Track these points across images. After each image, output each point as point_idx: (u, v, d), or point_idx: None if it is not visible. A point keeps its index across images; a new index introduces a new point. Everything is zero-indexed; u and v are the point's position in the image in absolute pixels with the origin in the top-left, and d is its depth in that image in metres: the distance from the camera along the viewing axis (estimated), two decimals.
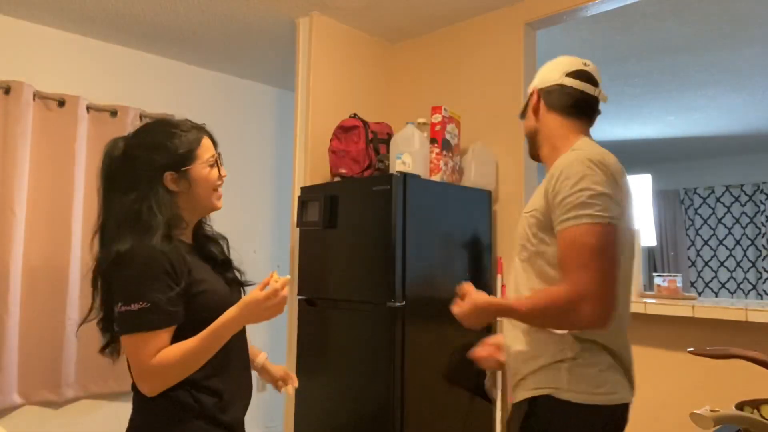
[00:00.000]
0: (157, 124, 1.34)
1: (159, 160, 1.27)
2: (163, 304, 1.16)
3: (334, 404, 2.34)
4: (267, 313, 1.23)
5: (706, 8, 2.72)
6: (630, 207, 1.27)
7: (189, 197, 1.31)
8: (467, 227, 2.54)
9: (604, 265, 1.15)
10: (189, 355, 1.18)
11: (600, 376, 1.21)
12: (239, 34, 3.15)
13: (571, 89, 1.44)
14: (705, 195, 6.46)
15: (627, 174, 1.30)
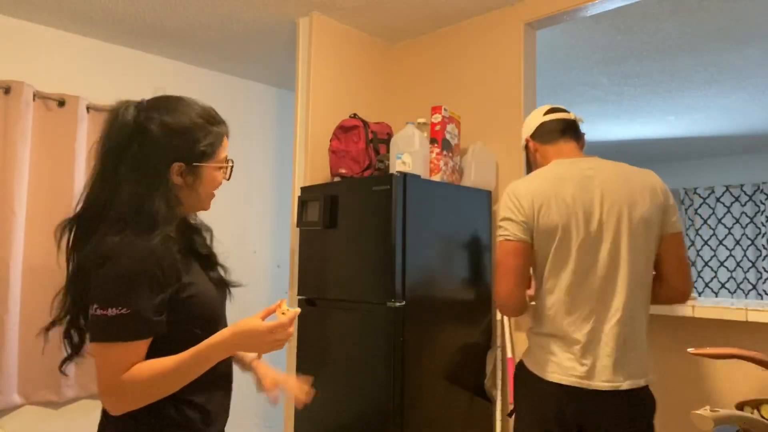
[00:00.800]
0: (182, 104, 1.18)
1: (177, 147, 1.12)
2: (144, 312, 1.02)
3: (334, 404, 2.34)
4: (265, 347, 1.08)
5: (706, 8, 2.72)
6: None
7: (188, 194, 1.18)
8: (467, 227, 2.54)
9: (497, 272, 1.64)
10: (164, 376, 1.03)
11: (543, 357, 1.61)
12: (239, 34, 3.15)
13: (548, 123, 1.76)
14: (705, 195, 6.46)
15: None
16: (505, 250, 1.60)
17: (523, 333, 2.57)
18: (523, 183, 1.64)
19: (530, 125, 1.80)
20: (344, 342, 2.34)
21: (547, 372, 1.56)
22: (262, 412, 3.81)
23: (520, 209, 1.59)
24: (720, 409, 1.02)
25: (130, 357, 1.02)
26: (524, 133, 1.83)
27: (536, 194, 1.58)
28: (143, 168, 1.10)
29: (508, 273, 1.59)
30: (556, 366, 1.55)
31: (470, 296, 2.54)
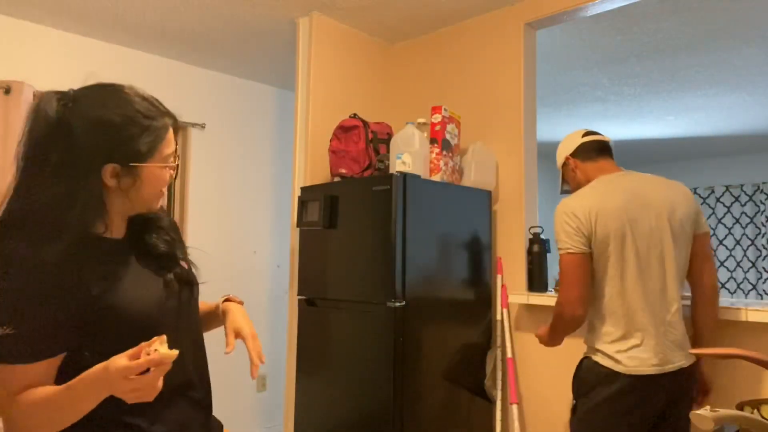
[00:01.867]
0: (115, 95, 1.01)
1: (108, 146, 0.97)
2: (31, 333, 0.89)
3: (334, 404, 2.34)
4: (127, 395, 0.86)
5: (706, 8, 2.72)
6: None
7: (127, 197, 1.02)
8: (467, 227, 2.54)
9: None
10: (39, 408, 0.89)
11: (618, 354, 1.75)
12: (239, 34, 3.15)
13: (587, 144, 1.95)
14: (705, 195, 6.46)
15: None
16: (569, 262, 1.75)
17: (523, 333, 2.57)
18: (575, 199, 1.81)
19: (570, 145, 1.98)
20: (344, 342, 2.34)
21: (629, 366, 1.69)
22: (262, 412, 3.81)
23: (577, 222, 1.74)
24: (720, 409, 1.02)
25: (18, 380, 0.89)
26: (564, 152, 1.99)
27: (590, 207, 1.75)
28: (67, 170, 0.94)
29: (574, 283, 1.74)
30: (636, 360, 1.69)
31: (470, 296, 2.54)
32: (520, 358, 2.57)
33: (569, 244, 1.74)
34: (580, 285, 1.74)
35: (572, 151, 1.96)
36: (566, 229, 1.76)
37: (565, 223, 1.76)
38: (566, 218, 1.77)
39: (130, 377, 0.84)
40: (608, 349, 1.73)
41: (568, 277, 1.75)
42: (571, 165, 1.96)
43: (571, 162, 1.96)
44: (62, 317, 0.92)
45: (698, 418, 1.01)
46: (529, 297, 2.47)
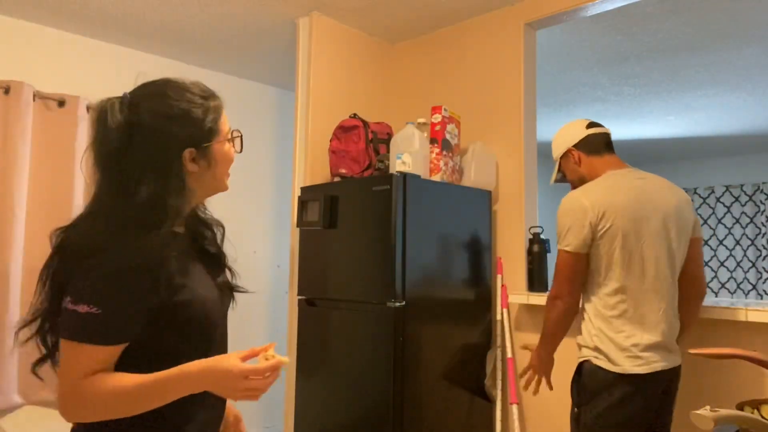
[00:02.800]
0: (170, 87, 1.06)
1: (181, 133, 1.02)
2: (117, 316, 0.92)
3: (334, 404, 2.34)
4: (237, 394, 0.92)
5: (706, 8, 2.72)
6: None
7: (203, 178, 1.07)
8: (467, 227, 2.54)
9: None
10: (118, 396, 0.91)
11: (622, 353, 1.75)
12: (239, 34, 3.15)
13: (593, 136, 1.90)
14: (705, 195, 6.46)
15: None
16: (565, 260, 1.76)
17: (523, 333, 2.57)
18: (583, 193, 1.78)
19: (574, 136, 1.90)
20: (344, 342, 2.34)
21: (637, 366, 1.68)
22: (262, 412, 3.81)
23: (585, 218, 1.72)
24: (720, 409, 1.02)
25: (93, 362, 0.92)
26: (565, 143, 1.92)
27: (600, 202, 1.72)
28: (152, 165, 0.99)
29: (569, 279, 1.77)
30: (640, 359, 1.68)
31: (470, 296, 2.54)
32: (520, 358, 2.57)
33: (573, 242, 1.73)
34: (575, 282, 1.77)
35: (576, 142, 1.89)
36: (573, 224, 1.73)
37: (572, 218, 1.74)
38: (574, 213, 1.74)
39: (250, 378, 0.91)
40: (612, 350, 1.70)
41: (564, 273, 1.77)
42: (574, 157, 1.89)
43: (575, 154, 1.89)
44: (144, 306, 0.94)
45: (698, 418, 1.01)
46: (529, 297, 2.47)
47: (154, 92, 1.06)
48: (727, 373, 1.97)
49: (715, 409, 1.01)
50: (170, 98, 1.04)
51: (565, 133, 1.94)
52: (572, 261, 1.75)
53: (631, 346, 1.68)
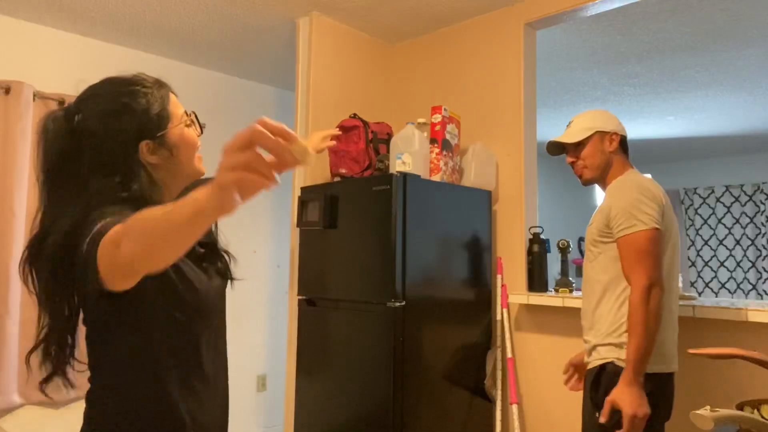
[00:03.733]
0: (108, 85, 1.03)
1: (129, 128, 0.99)
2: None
3: (334, 404, 2.34)
4: (230, 174, 0.64)
5: (706, 8, 2.72)
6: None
7: (169, 167, 1.04)
8: (467, 227, 2.54)
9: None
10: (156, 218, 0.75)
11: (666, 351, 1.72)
12: (239, 34, 3.15)
13: (625, 142, 1.87)
14: (705, 195, 6.46)
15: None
16: (653, 237, 1.60)
17: (523, 333, 2.57)
18: (648, 181, 1.72)
19: (620, 126, 1.86)
20: (344, 342, 2.34)
21: (672, 365, 1.67)
22: (262, 412, 3.81)
23: (659, 203, 1.66)
24: (720, 409, 1.02)
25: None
26: (613, 126, 1.83)
27: (663, 195, 1.69)
28: (111, 166, 0.97)
29: (659, 260, 1.61)
30: (669, 357, 1.67)
31: (470, 296, 2.54)
32: (520, 358, 2.57)
33: (655, 219, 1.62)
34: (662, 263, 1.63)
35: (623, 135, 1.84)
36: (649, 203, 1.63)
37: (648, 198, 1.64)
38: (651, 195, 1.65)
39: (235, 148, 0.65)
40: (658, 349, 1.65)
41: (654, 255, 1.59)
42: (613, 142, 1.81)
43: (615, 139, 1.81)
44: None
45: (698, 418, 1.01)
46: (529, 297, 2.47)
47: (93, 93, 1.03)
48: (727, 373, 1.97)
49: (715, 409, 1.01)
50: (110, 95, 1.01)
51: (611, 117, 1.87)
52: (659, 237, 1.61)
53: (665, 345, 1.66)
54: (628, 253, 1.61)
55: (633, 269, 1.59)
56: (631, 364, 1.54)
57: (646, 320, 1.54)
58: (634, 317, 1.56)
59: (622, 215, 1.63)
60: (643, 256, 1.58)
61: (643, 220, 1.61)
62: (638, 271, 1.58)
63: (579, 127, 1.87)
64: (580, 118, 1.89)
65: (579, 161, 1.86)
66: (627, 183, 1.70)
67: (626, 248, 1.62)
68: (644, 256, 1.58)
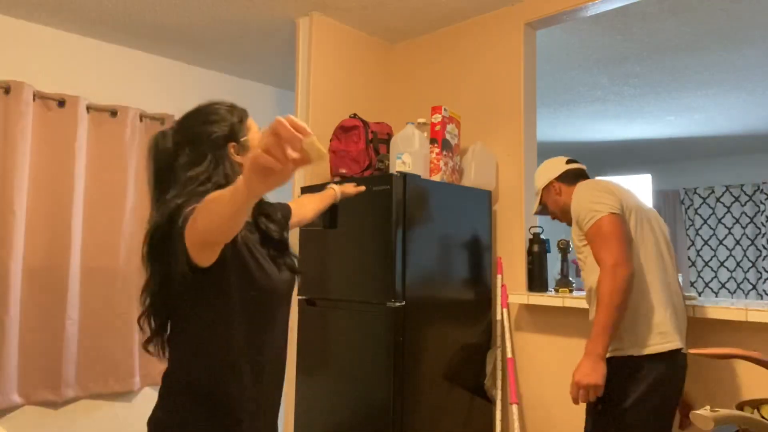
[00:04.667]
0: (201, 107, 1.32)
1: (219, 132, 1.25)
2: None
3: (334, 404, 2.34)
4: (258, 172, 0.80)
5: (706, 8, 2.72)
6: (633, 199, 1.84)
7: None
8: (467, 227, 2.54)
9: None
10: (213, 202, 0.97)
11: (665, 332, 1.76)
12: (239, 34, 3.15)
13: (572, 170, 2.04)
14: (705, 195, 6.46)
15: (627, 174, 1.99)
16: (613, 222, 1.71)
17: (523, 333, 2.57)
18: (597, 180, 1.90)
19: (555, 170, 2.05)
20: (344, 342, 2.34)
21: (675, 341, 1.71)
22: None
23: (612, 191, 1.79)
24: (720, 409, 1.02)
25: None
26: (547, 176, 2.05)
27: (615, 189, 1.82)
28: (202, 158, 1.22)
29: (622, 242, 1.69)
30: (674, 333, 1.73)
31: (470, 296, 2.54)
32: (520, 358, 2.57)
33: (611, 205, 1.74)
34: (629, 246, 1.72)
35: (558, 175, 2.03)
36: (603, 195, 1.77)
37: (601, 192, 1.78)
38: (602, 187, 1.80)
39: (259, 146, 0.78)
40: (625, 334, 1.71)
41: (616, 235, 1.69)
42: (556, 188, 2.02)
43: (556, 186, 2.02)
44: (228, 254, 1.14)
45: (698, 418, 1.01)
46: (529, 297, 2.47)
47: (190, 112, 1.31)
48: (727, 373, 1.97)
49: (715, 409, 1.01)
50: (201, 112, 1.29)
51: (546, 168, 2.08)
52: (619, 221, 1.72)
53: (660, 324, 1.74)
54: (593, 240, 1.73)
55: (599, 253, 1.70)
56: (592, 336, 1.65)
57: (610, 295, 1.62)
58: (599, 292, 1.65)
59: (583, 213, 1.78)
60: (605, 239, 1.69)
61: (599, 209, 1.73)
62: (603, 253, 1.68)
63: (535, 190, 2.11)
64: (535, 181, 2.12)
65: (552, 215, 2.10)
66: (580, 189, 1.86)
67: (591, 237, 1.74)
68: (606, 239, 1.69)
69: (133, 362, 3.11)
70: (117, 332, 3.07)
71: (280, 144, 0.77)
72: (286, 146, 0.77)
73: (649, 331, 1.69)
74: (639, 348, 1.69)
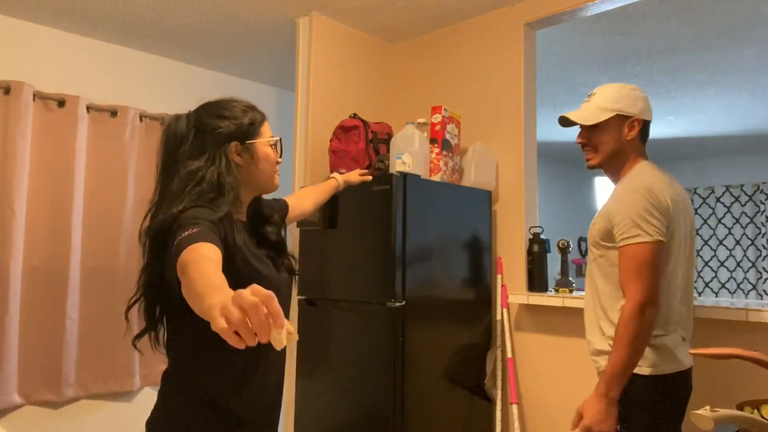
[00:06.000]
0: (221, 100, 1.35)
1: (225, 128, 1.27)
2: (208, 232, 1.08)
3: (334, 404, 2.34)
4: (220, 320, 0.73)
5: (706, 8, 2.72)
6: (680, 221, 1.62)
7: (250, 172, 1.30)
8: (467, 227, 2.54)
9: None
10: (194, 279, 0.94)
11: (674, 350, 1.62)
12: (239, 34, 3.15)
13: (647, 128, 1.71)
14: (705, 195, 6.46)
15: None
16: (655, 252, 1.50)
17: (523, 333, 2.57)
18: (657, 181, 1.59)
19: (646, 107, 1.67)
20: (344, 342, 2.34)
21: (684, 362, 1.60)
22: None
23: (665, 210, 1.54)
24: (720, 409, 1.02)
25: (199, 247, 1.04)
26: (636, 108, 1.65)
27: (668, 193, 1.57)
28: (203, 152, 1.24)
29: (658, 276, 1.50)
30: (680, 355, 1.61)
31: (470, 296, 2.54)
32: (520, 358, 2.57)
33: (658, 229, 1.51)
34: (661, 276, 1.52)
35: (645, 114, 1.66)
36: (654, 213, 1.52)
37: (654, 209, 1.52)
38: (657, 202, 1.53)
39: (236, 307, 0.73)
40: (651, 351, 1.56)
41: (654, 268, 1.49)
42: (629, 129, 1.64)
43: (636, 126, 1.65)
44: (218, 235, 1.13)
45: (698, 418, 1.01)
46: (529, 297, 2.47)
47: (208, 103, 1.33)
48: (727, 373, 1.97)
49: (715, 410, 1.01)
50: (218, 105, 1.32)
51: (637, 97, 1.67)
52: (661, 252, 1.51)
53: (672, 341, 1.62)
54: (627, 263, 1.52)
55: (630, 282, 1.50)
56: (608, 377, 1.47)
57: (635, 337, 1.46)
58: (622, 331, 1.47)
59: (626, 223, 1.53)
60: (642, 270, 1.49)
61: (647, 231, 1.51)
62: (635, 285, 1.49)
63: (599, 104, 1.67)
64: (603, 94, 1.68)
65: (590, 145, 1.70)
66: (636, 186, 1.57)
67: (626, 259, 1.53)
68: (644, 270, 1.49)
69: (133, 362, 3.11)
70: (117, 332, 3.07)
71: (246, 325, 0.71)
72: (251, 330, 0.71)
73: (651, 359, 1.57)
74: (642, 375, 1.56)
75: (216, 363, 1.20)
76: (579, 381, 2.34)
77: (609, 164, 1.69)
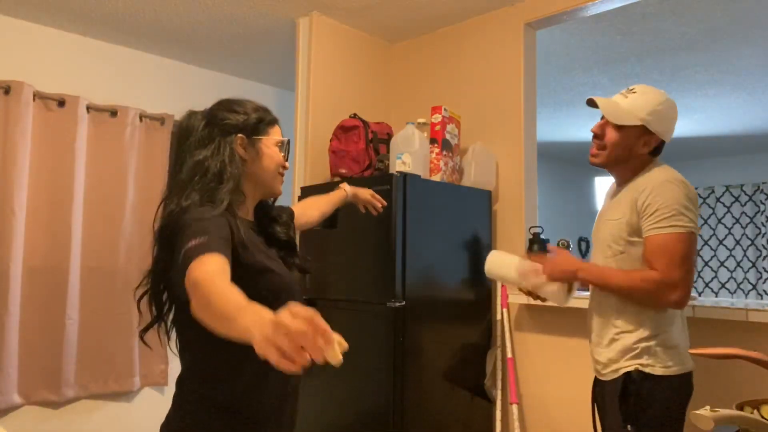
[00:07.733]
0: (236, 98, 1.38)
1: (233, 120, 1.29)
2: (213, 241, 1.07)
3: (334, 404, 2.34)
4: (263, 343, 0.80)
5: (706, 8, 2.72)
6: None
7: (253, 169, 1.30)
8: (467, 227, 2.54)
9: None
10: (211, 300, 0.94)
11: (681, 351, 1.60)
12: (239, 34, 3.15)
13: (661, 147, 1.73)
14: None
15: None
16: (692, 243, 1.50)
17: (523, 333, 2.57)
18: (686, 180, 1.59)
19: (670, 128, 1.72)
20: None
21: (691, 363, 1.59)
22: None
23: (696, 202, 1.56)
24: (720, 409, 1.02)
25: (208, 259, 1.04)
26: (661, 128, 1.67)
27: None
28: (209, 141, 1.26)
29: (691, 265, 1.49)
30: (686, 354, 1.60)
31: (470, 296, 2.54)
32: (519, 358, 2.57)
33: (695, 223, 1.52)
34: (693, 271, 1.52)
35: (665, 136, 1.68)
36: (693, 206, 1.53)
37: (689, 199, 1.52)
38: (695, 198, 1.55)
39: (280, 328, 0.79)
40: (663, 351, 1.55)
41: (691, 261, 1.49)
42: (644, 145, 1.64)
43: (651, 144, 1.66)
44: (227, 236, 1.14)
45: (698, 418, 1.01)
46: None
47: (223, 99, 1.36)
48: (727, 373, 1.97)
49: (715, 409, 1.01)
50: (232, 101, 1.34)
51: (667, 117, 1.71)
52: (695, 243, 1.51)
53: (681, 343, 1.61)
54: (665, 250, 1.47)
55: (670, 267, 1.46)
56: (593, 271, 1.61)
57: (638, 295, 1.52)
58: (639, 283, 1.49)
59: (667, 211, 1.49)
60: (685, 260, 1.47)
61: (692, 220, 1.49)
62: (675, 270, 1.46)
63: (632, 106, 1.64)
64: (641, 98, 1.67)
65: (602, 141, 1.67)
66: (670, 179, 1.55)
67: (664, 245, 1.48)
68: (686, 260, 1.47)
69: (133, 362, 3.11)
70: (117, 332, 3.07)
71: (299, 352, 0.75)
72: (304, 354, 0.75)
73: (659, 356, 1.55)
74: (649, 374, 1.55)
75: (229, 366, 1.19)
76: (579, 381, 2.34)
77: (611, 166, 1.69)
